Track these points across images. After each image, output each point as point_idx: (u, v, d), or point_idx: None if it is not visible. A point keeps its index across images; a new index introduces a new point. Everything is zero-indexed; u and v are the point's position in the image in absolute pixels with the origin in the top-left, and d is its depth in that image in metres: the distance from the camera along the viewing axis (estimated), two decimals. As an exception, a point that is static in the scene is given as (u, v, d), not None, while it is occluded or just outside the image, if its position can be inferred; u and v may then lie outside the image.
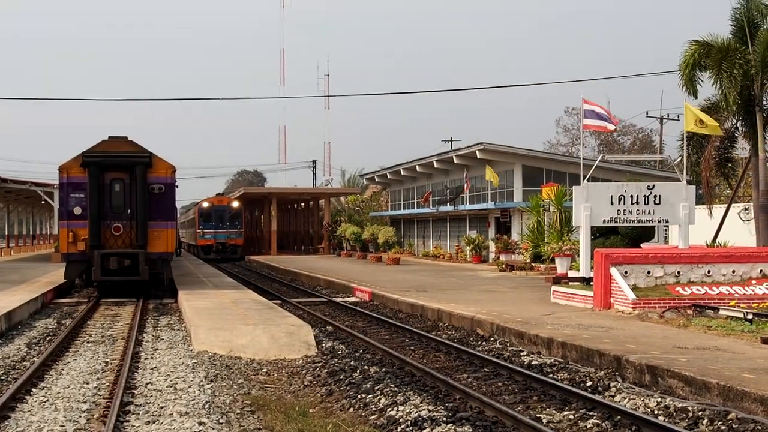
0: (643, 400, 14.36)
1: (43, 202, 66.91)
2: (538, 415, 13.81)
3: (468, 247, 59.12)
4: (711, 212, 39.38)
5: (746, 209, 42.01)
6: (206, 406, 14.37)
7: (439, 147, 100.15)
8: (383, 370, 18.09)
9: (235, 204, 77.95)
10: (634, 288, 24.61)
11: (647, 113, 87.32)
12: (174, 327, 25.47)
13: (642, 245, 35.03)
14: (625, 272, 25.07)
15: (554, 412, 14.05)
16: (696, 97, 35.12)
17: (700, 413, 13.22)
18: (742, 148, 39.59)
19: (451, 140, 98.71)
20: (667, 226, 43.37)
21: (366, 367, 18.39)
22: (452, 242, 66.11)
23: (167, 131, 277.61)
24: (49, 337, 23.38)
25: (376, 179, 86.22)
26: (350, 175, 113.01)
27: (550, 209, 43.82)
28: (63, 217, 33.14)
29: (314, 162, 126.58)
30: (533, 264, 44.82)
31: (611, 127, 32.58)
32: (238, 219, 77.85)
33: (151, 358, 19.71)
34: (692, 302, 23.50)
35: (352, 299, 34.97)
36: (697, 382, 14.20)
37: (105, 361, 19.44)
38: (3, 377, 17.40)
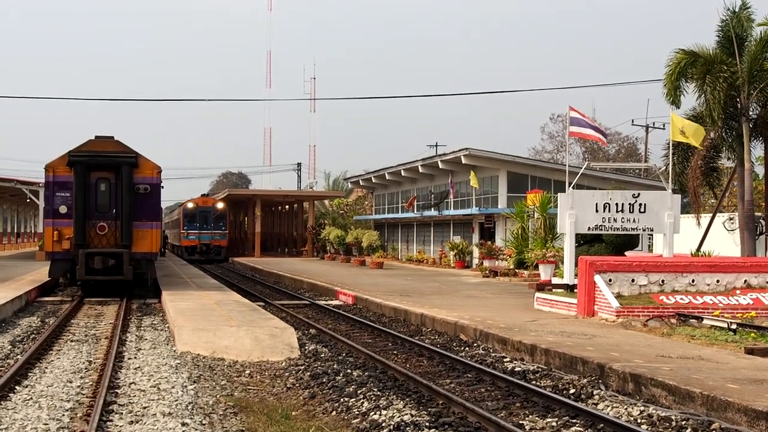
0: (626, 409, 14.38)
1: (28, 200, 66.83)
2: (520, 422, 13.81)
3: (452, 253, 59.15)
4: (699, 222, 39.50)
5: (731, 219, 42.10)
6: (189, 407, 14.34)
7: (425, 152, 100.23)
8: (366, 373, 18.08)
9: (220, 205, 77.67)
10: (618, 296, 24.66)
11: (633, 121, 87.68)
12: (157, 327, 25.42)
13: (626, 253, 35.14)
14: (609, 280, 25.12)
15: (537, 419, 14.06)
16: (679, 107, 35.17)
17: (683, 423, 13.25)
18: (727, 158, 39.69)
19: (437, 145, 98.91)
20: (652, 235, 43.45)
21: (349, 370, 18.37)
22: (436, 247, 66.12)
23: (152, 131, 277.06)
24: (33, 336, 23.32)
25: (361, 183, 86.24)
26: (334, 179, 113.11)
27: (535, 216, 43.88)
28: (48, 215, 33.10)
29: (299, 165, 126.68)
30: (517, 270, 44.85)
31: (602, 138, 32.65)
32: (223, 220, 77.37)
33: (135, 358, 19.66)
34: (676, 311, 23.57)
35: (335, 302, 34.96)
36: (680, 391, 14.23)
37: (89, 360, 19.39)
38: (-14, 375, 17.36)
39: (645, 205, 28.64)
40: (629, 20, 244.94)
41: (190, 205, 76.91)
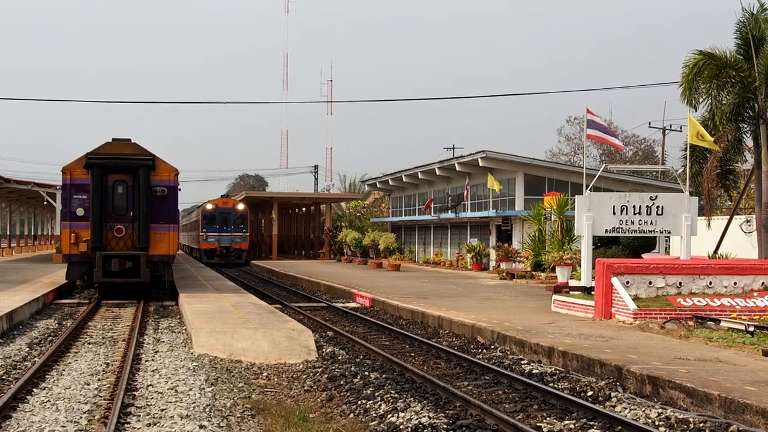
0: (644, 411, 14.35)
1: (45, 202, 67.05)
2: (538, 424, 13.80)
3: (469, 255, 59.10)
4: (709, 224, 39.31)
5: (748, 221, 41.95)
6: (207, 410, 14.35)
7: (442, 154, 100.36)
8: (384, 376, 18.09)
9: (241, 206, 75.62)
10: (636, 298, 24.61)
11: (650, 124, 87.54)
12: (175, 329, 25.47)
13: (643, 256, 35.00)
14: (627, 282, 25.07)
15: (555, 421, 14.04)
16: (697, 109, 35.07)
17: (701, 425, 13.21)
18: (744, 161, 39.51)
19: (453, 148, 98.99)
20: (669, 237, 43.32)
21: (366, 372, 18.38)
22: (453, 249, 66.10)
23: (170, 134, 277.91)
24: (51, 338, 23.41)
25: (378, 185, 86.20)
26: (351, 181, 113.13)
27: (552, 218, 43.81)
28: (65, 218, 33.16)
29: (316, 167, 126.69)
30: (534, 272, 44.80)
31: (620, 143, 32.61)
32: (244, 222, 75.29)
33: (152, 360, 19.70)
34: (693, 313, 23.50)
35: (352, 305, 34.95)
36: (698, 393, 14.19)
37: (106, 362, 19.45)
38: (4, 377, 17.45)
39: (662, 207, 28.57)
40: (649, 21, 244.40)
41: (210, 206, 74.94)
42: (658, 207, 28.55)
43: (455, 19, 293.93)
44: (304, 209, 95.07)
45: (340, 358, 20.60)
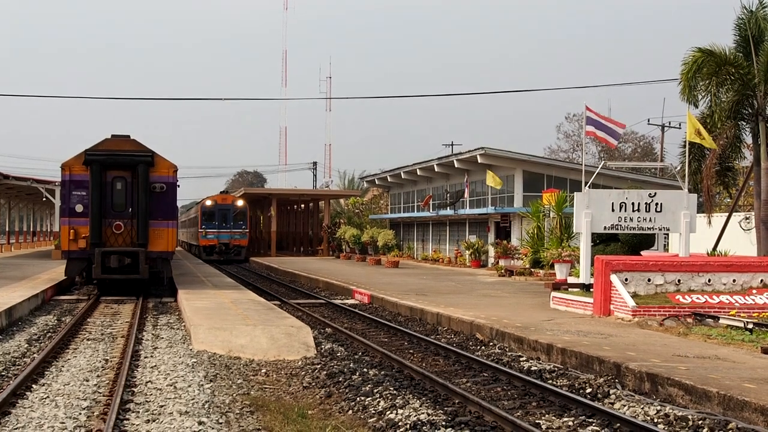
0: (642, 408, 14.35)
1: (44, 199, 66.98)
2: (537, 421, 13.80)
3: (467, 252, 59.07)
4: (710, 221, 39.29)
5: (747, 218, 41.90)
6: (206, 406, 14.37)
7: (440, 151, 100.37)
8: (382, 372, 18.07)
9: (240, 203, 75.51)
10: (634, 295, 24.60)
11: (649, 120, 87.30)
12: (174, 326, 25.46)
13: (642, 253, 34.99)
14: (626, 279, 25.06)
15: (553, 418, 14.04)
16: (697, 107, 35.05)
17: (700, 422, 13.21)
18: (743, 158, 39.48)
19: (452, 144, 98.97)
20: (668, 234, 43.31)
21: (365, 369, 18.37)
22: (452, 246, 66.05)
23: (168, 130, 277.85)
24: (50, 334, 23.39)
25: (377, 182, 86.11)
26: (349, 178, 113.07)
27: (551, 215, 43.86)
28: (65, 214, 33.15)
29: (315, 164, 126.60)
30: (532, 269, 44.76)
31: (614, 141, 32.52)
32: (243, 219, 75.07)
33: (151, 356, 19.70)
34: (692, 311, 23.50)
35: (351, 301, 34.95)
36: (697, 390, 14.19)
37: (105, 358, 19.44)
38: (3, 373, 17.44)
39: (661, 204, 28.54)
40: (647, 18, 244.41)
41: (209, 202, 74.82)
42: (657, 204, 28.53)
43: (454, 17, 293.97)
44: (302, 206, 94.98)
45: (338, 354, 20.59)
